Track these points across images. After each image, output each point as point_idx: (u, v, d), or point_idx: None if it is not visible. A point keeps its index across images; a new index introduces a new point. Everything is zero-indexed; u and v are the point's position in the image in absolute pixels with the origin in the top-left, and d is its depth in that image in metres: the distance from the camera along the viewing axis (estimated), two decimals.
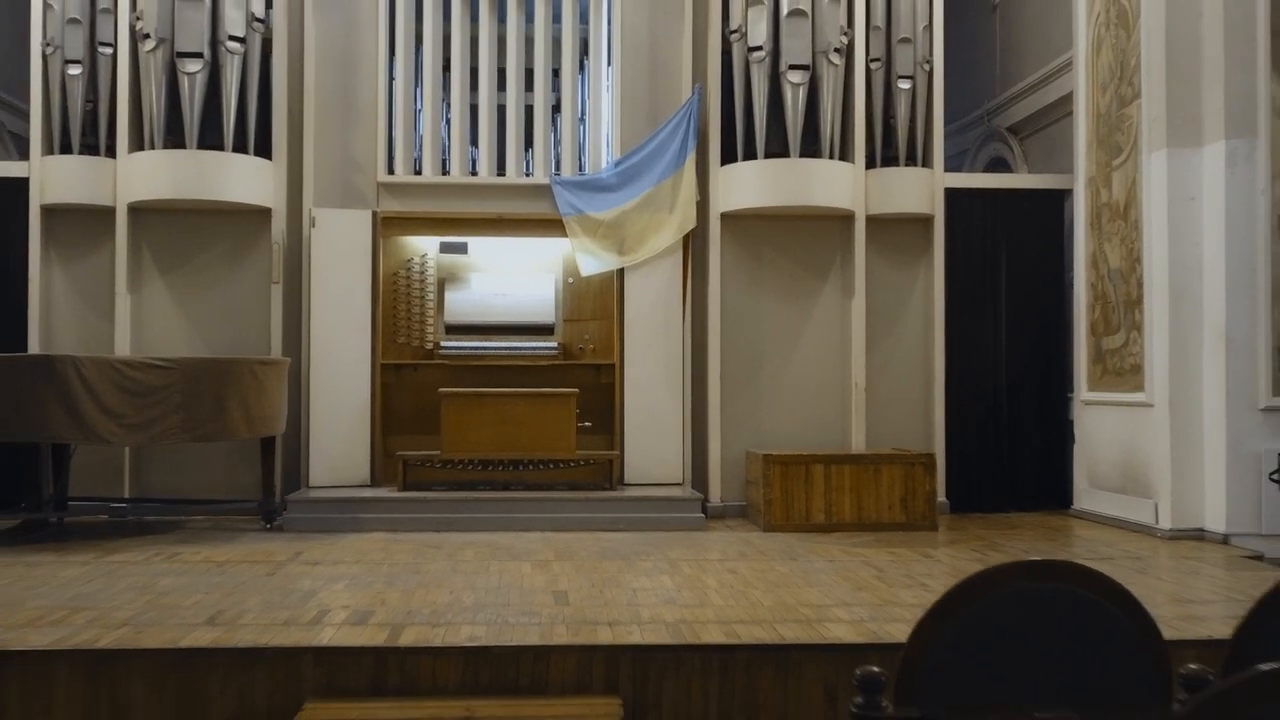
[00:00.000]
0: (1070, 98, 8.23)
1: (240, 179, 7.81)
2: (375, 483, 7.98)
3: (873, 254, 8.25)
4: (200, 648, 4.00)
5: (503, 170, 8.48)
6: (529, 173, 8.57)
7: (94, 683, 3.90)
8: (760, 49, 7.95)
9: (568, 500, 7.48)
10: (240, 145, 7.83)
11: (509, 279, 8.48)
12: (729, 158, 8.16)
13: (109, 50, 7.83)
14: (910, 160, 8.21)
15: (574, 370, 8.32)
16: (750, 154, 8.05)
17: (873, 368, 8.23)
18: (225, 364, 7.01)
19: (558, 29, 8.53)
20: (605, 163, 8.42)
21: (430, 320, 8.38)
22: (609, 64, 8.52)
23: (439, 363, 8.29)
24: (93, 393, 6.46)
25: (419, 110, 8.45)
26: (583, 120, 8.66)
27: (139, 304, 7.97)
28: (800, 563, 6.03)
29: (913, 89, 8.16)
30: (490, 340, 8.32)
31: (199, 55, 7.67)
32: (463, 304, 8.38)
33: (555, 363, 8.34)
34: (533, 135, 8.54)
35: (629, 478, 8.03)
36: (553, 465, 7.72)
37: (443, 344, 8.31)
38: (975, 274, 8.48)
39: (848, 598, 5.00)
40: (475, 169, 8.49)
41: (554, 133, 8.59)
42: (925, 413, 8.28)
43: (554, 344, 8.37)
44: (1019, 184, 8.82)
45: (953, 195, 8.35)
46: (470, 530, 7.15)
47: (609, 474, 7.86)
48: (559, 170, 8.46)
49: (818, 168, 7.98)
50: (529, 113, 8.58)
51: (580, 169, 8.50)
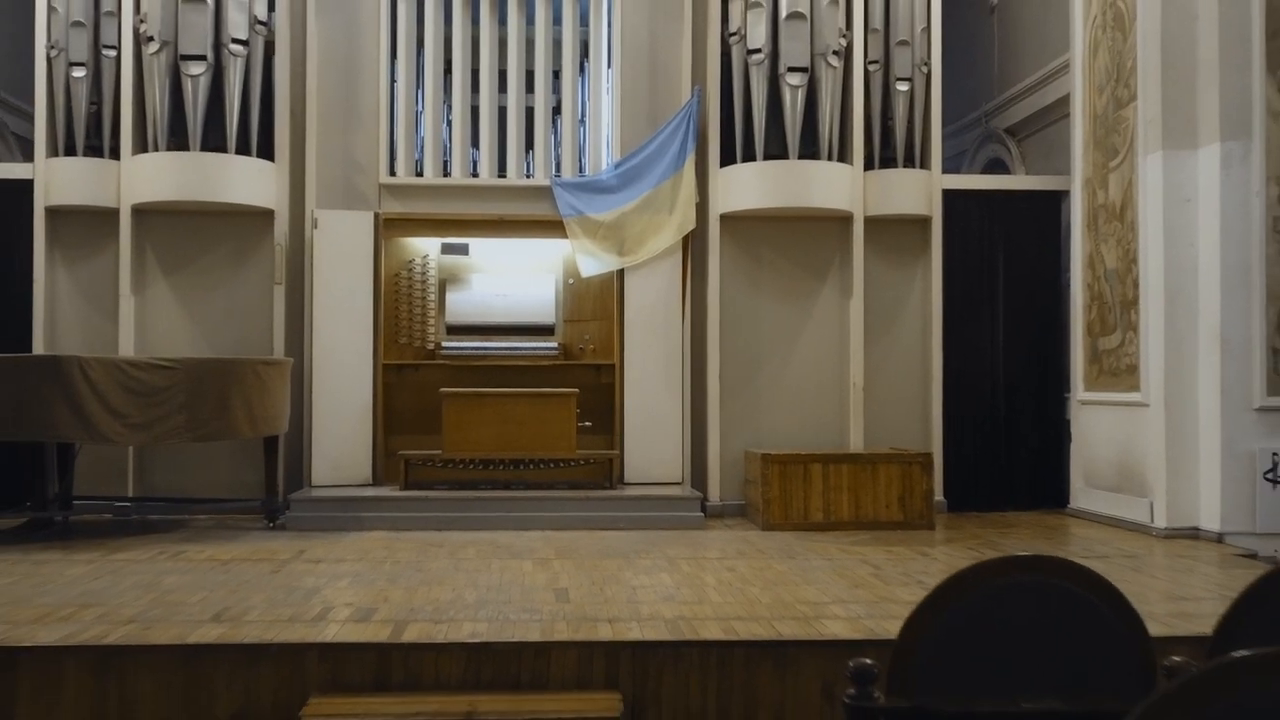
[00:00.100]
0: (1067, 100, 8.28)
1: (243, 181, 7.87)
2: (377, 482, 8.04)
3: (871, 255, 8.31)
4: (206, 644, 4.05)
5: (503, 172, 8.54)
6: (530, 174, 8.63)
7: (102, 678, 3.96)
8: (759, 51, 8.01)
9: (568, 499, 7.54)
10: (243, 147, 7.89)
11: (510, 280, 8.54)
12: (728, 159, 8.22)
13: (113, 53, 7.89)
14: (908, 162, 8.27)
15: (574, 370, 8.38)
16: (749, 156, 8.11)
17: (871, 368, 8.29)
18: (229, 364, 7.07)
19: (558, 31, 8.59)
20: (605, 164, 8.48)
21: (431, 321, 8.44)
22: (609, 66, 8.58)
23: (440, 363, 8.35)
24: (98, 393, 6.52)
25: (420, 112, 8.51)
26: (583, 122, 8.71)
27: (143, 305, 8.04)
28: (798, 561, 6.09)
29: (911, 91, 8.22)
30: (491, 340, 8.38)
31: (202, 58, 7.73)
32: (464, 304, 8.44)
33: (556, 363, 8.40)
34: (533, 137, 8.60)
35: (629, 477, 8.09)
36: (553, 464, 7.78)
37: (444, 344, 8.37)
38: (973, 275, 8.53)
39: (845, 595, 5.06)
40: (476, 170, 8.55)
41: (554, 134, 8.65)
42: (923, 412, 8.34)
43: (554, 344, 8.43)
44: (1016, 185, 8.88)
45: (950, 196, 8.41)
46: (471, 529, 7.21)
47: (609, 473, 7.92)
48: (559, 172, 8.52)
49: (816, 169, 8.05)
50: (529, 114, 8.63)
51: (580, 170, 8.56)
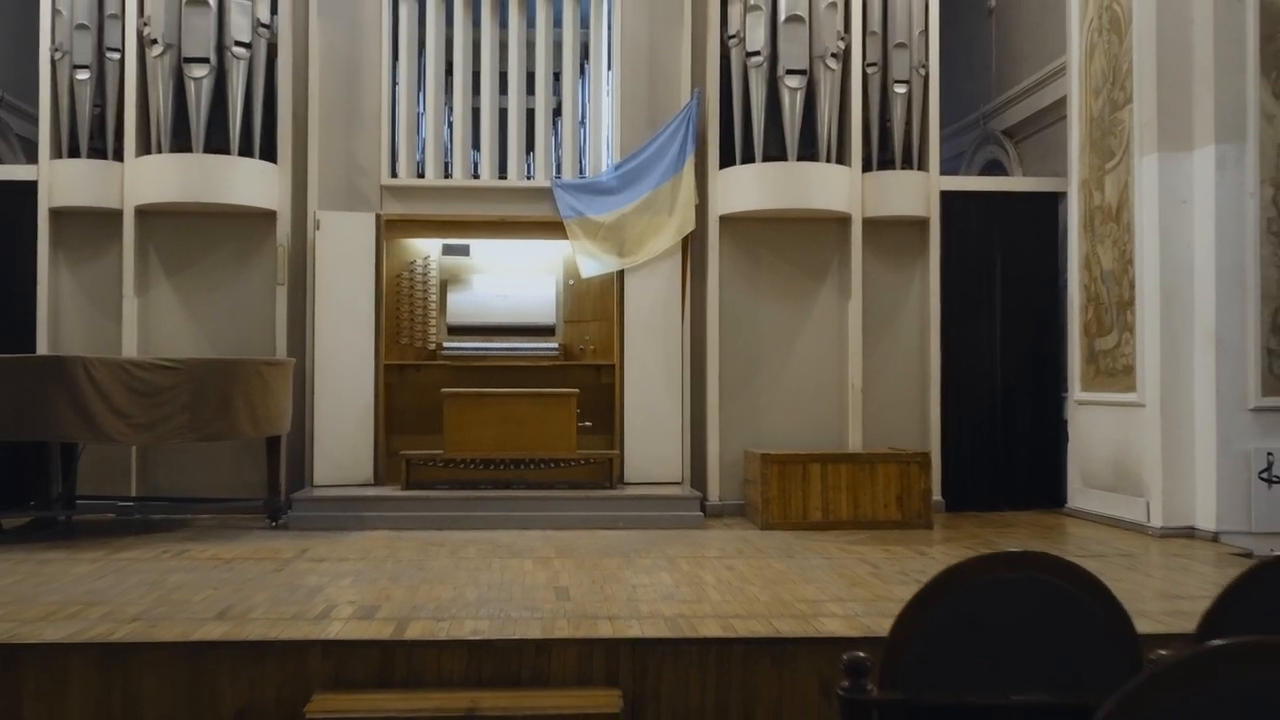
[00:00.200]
0: (1065, 102, 8.33)
1: (246, 182, 7.92)
2: (378, 482, 8.08)
3: (869, 256, 8.36)
4: (211, 641, 4.11)
5: (504, 173, 8.59)
6: (530, 176, 8.68)
7: (107, 675, 4.01)
8: (758, 54, 8.06)
9: (568, 499, 7.59)
10: (246, 149, 7.95)
11: (510, 280, 8.59)
12: (727, 161, 8.28)
13: (117, 55, 7.94)
14: (906, 163, 8.32)
15: (574, 371, 8.43)
16: (748, 157, 8.16)
17: (869, 368, 8.34)
18: (231, 364, 7.12)
19: (559, 33, 8.64)
20: (605, 166, 8.53)
21: (433, 321, 8.49)
22: (609, 68, 8.63)
23: (441, 363, 8.40)
24: (102, 393, 6.57)
25: (422, 114, 8.56)
26: (583, 124, 8.76)
27: (146, 305, 8.09)
28: (797, 560, 6.14)
29: (909, 93, 8.27)
30: (492, 341, 8.43)
31: (205, 60, 7.79)
32: (465, 305, 8.49)
33: (556, 363, 8.45)
34: (534, 138, 8.65)
35: (629, 477, 8.14)
36: (554, 464, 7.83)
37: (445, 345, 8.42)
38: (971, 275, 8.58)
39: (842, 593, 5.11)
40: (477, 172, 8.60)
41: (555, 136, 8.70)
42: (921, 412, 8.39)
43: (555, 345, 8.48)
44: (1014, 187, 8.93)
45: (948, 198, 8.46)
46: (472, 528, 7.25)
47: (609, 473, 7.97)
48: (560, 173, 8.57)
49: (815, 171, 8.10)
50: (530, 116, 8.68)
51: (581, 172, 8.61)
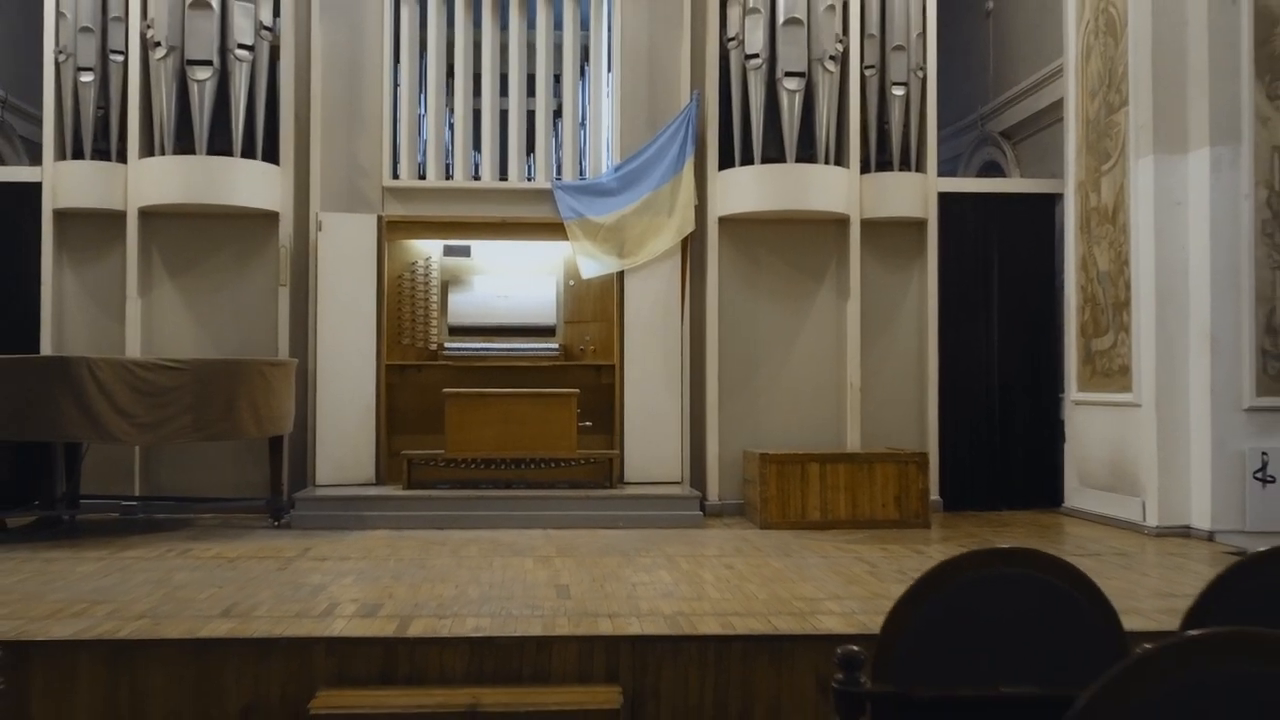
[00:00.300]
0: (1061, 104, 8.39)
1: (248, 184, 7.98)
2: (380, 481, 8.14)
3: (867, 257, 8.42)
4: (217, 638, 4.16)
5: (505, 175, 8.64)
6: (531, 177, 8.74)
7: (115, 671, 4.07)
8: (757, 56, 8.12)
9: (569, 498, 7.65)
10: (248, 151, 8.01)
11: (511, 281, 8.64)
12: (726, 163, 8.34)
13: (120, 58, 8.00)
14: (904, 165, 8.38)
15: (575, 371, 8.49)
16: (747, 159, 8.22)
17: (867, 368, 8.40)
18: (235, 365, 7.18)
19: (559, 35, 8.69)
20: (606, 167, 8.58)
21: (434, 322, 8.54)
22: (609, 70, 8.68)
23: (442, 364, 8.45)
24: (106, 393, 6.63)
25: (423, 116, 8.61)
26: (583, 125, 8.81)
27: (149, 306, 8.15)
28: (795, 558, 6.20)
29: (906, 95, 8.33)
30: (493, 341, 8.49)
31: (208, 63, 7.84)
32: (466, 306, 8.54)
33: (556, 363, 8.50)
34: (534, 140, 8.71)
35: (629, 476, 8.20)
36: (554, 464, 7.88)
37: (446, 345, 8.47)
38: (968, 276, 8.64)
39: (840, 591, 5.17)
40: (478, 173, 8.66)
41: (555, 137, 8.76)
42: (919, 412, 8.45)
43: (555, 345, 8.54)
44: (1011, 188, 8.98)
45: (946, 199, 8.52)
46: (474, 527, 7.31)
47: (609, 473, 8.03)
48: (560, 174, 8.63)
49: (813, 173, 8.15)
50: (531, 118, 8.73)
51: (581, 173, 8.66)
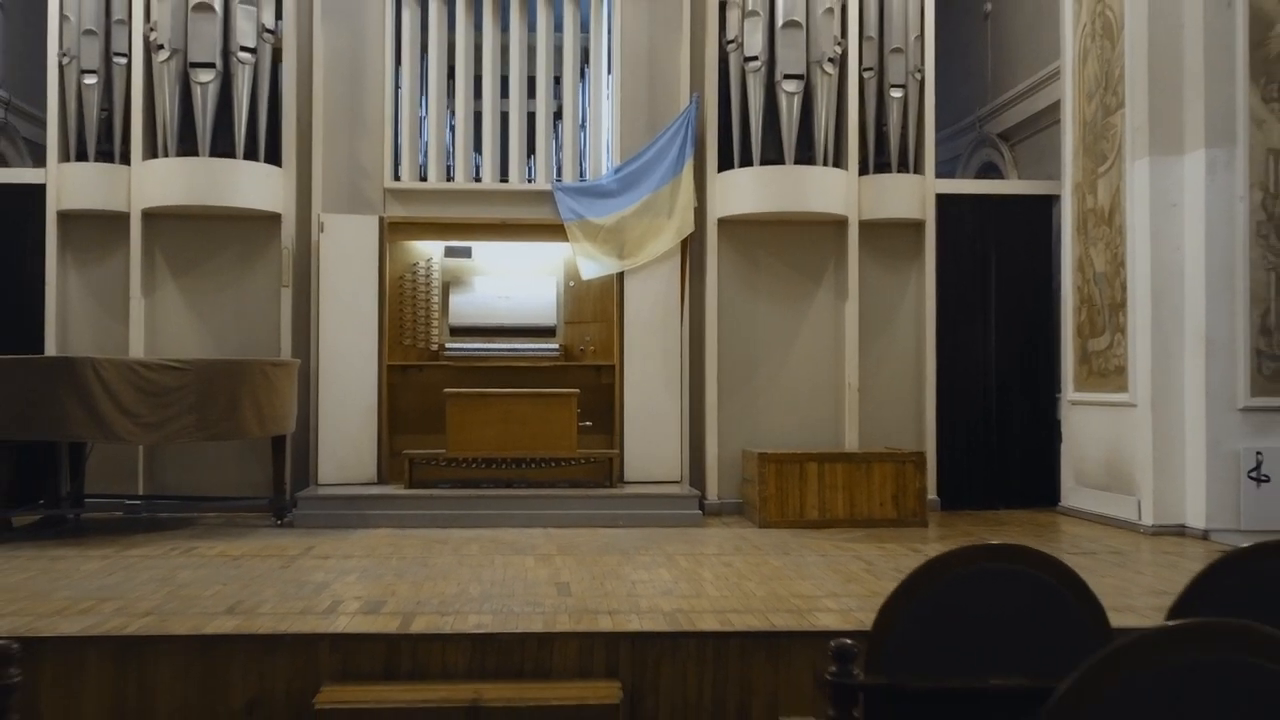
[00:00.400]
0: (1059, 106, 8.44)
1: (251, 185, 8.04)
2: (382, 480, 8.20)
3: (866, 258, 8.48)
4: (223, 634, 4.22)
5: (506, 176, 8.70)
6: (531, 179, 8.80)
7: (122, 667, 4.12)
8: (756, 59, 8.18)
9: (569, 497, 7.71)
10: (251, 153, 8.07)
11: (512, 282, 8.70)
12: (726, 164, 8.39)
13: (124, 60, 8.06)
14: (902, 167, 8.43)
15: (575, 371, 8.54)
16: (746, 161, 8.28)
17: (866, 368, 8.45)
18: (238, 365, 7.24)
19: (559, 37, 8.75)
20: (606, 169, 8.64)
21: (435, 322, 8.60)
22: (609, 72, 8.74)
23: (444, 364, 8.50)
24: (111, 393, 6.69)
25: (424, 118, 8.67)
26: (584, 127, 8.87)
27: (152, 307, 8.21)
28: (793, 557, 6.26)
29: (904, 97, 8.39)
30: (493, 342, 8.54)
31: (211, 65, 7.90)
32: (467, 307, 8.60)
33: (557, 364, 8.56)
34: (535, 142, 8.76)
35: (628, 475, 8.26)
36: (554, 463, 7.94)
37: (447, 346, 8.53)
38: (966, 277, 8.69)
39: (837, 589, 5.23)
40: (479, 175, 8.72)
41: (556, 139, 8.82)
42: (917, 412, 8.50)
43: (555, 345, 8.59)
44: (1008, 190, 9.04)
45: (944, 200, 8.58)
46: (475, 526, 7.36)
47: (609, 472, 8.09)
48: (560, 176, 8.69)
49: (812, 174, 8.22)
50: (531, 120, 8.79)
51: (581, 175, 8.72)
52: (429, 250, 8.67)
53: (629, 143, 8.57)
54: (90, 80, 8.01)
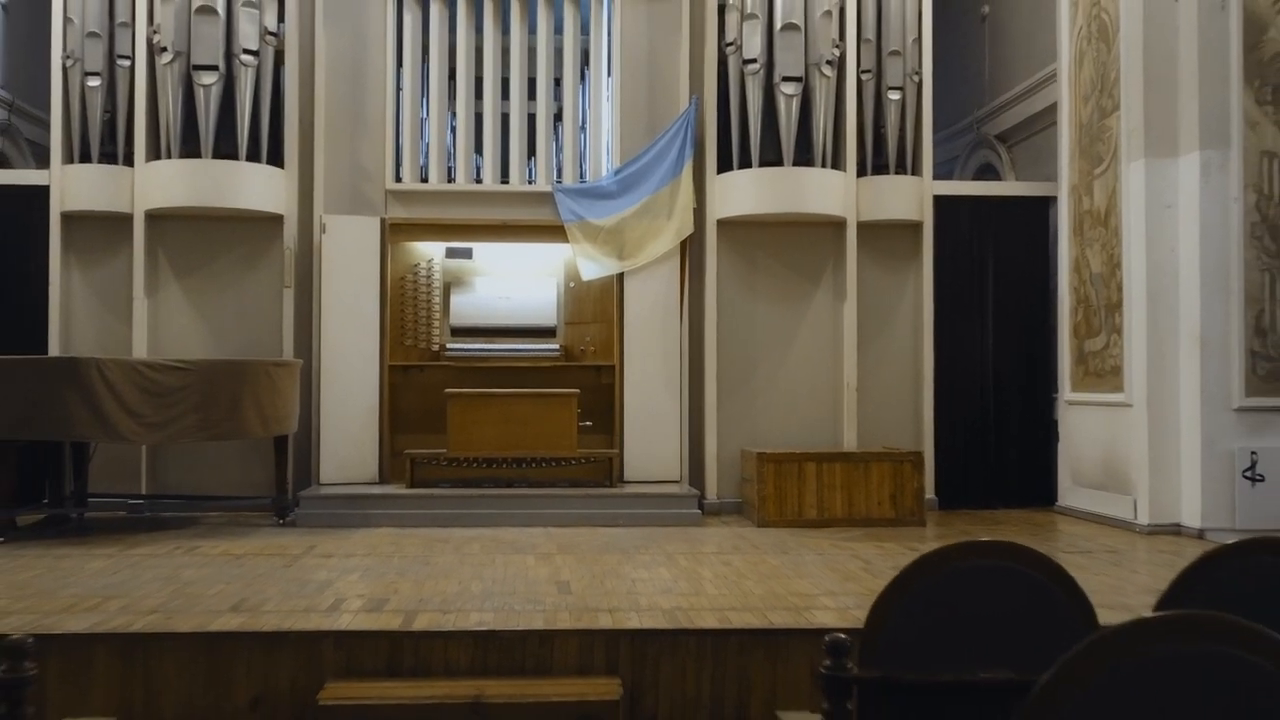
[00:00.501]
0: (1056, 108, 8.50)
1: (253, 187, 8.09)
2: (383, 480, 8.25)
3: (864, 259, 8.54)
4: (227, 631, 4.28)
5: (506, 178, 8.75)
6: (532, 180, 8.86)
7: (129, 664, 4.18)
8: (755, 61, 8.24)
9: (569, 497, 7.77)
10: (253, 154, 8.12)
11: (512, 283, 8.75)
12: (725, 166, 8.45)
13: (127, 63, 8.11)
14: (900, 168, 8.49)
15: (575, 371, 8.60)
16: (745, 162, 8.34)
17: (864, 369, 8.51)
18: (241, 365, 7.29)
19: (559, 40, 8.80)
20: (606, 170, 8.70)
21: (436, 323, 8.65)
22: (609, 74, 8.79)
23: (445, 364, 8.56)
24: (115, 393, 6.74)
25: (425, 119, 8.72)
26: (584, 129, 8.93)
27: (156, 307, 8.26)
28: (791, 556, 6.31)
29: (902, 99, 8.44)
30: (494, 342, 8.60)
31: (214, 68, 7.96)
32: (468, 307, 8.65)
33: (557, 364, 8.61)
34: (535, 143, 8.82)
35: (628, 475, 8.31)
36: (555, 463, 7.99)
37: (448, 346, 8.58)
38: (963, 278, 8.75)
39: (835, 587, 5.28)
40: (480, 176, 8.77)
41: (556, 141, 8.87)
42: (915, 412, 8.56)
43: (556, 346, 8.65)
44: (1005, 191, 9.11)
45: (941, 202, 8.64)
46: (476, 525, 7.41)
47: (609, 471, 8.14)
48: (561, 178, 8.74)
49: (810, 176, 8.27)
50: (532, 121, 8.84)
51: (581, 176, 8.77)
52: (430, 251, 8.73)
53: (629, 144, 8.63)
54: (94, 82, 8.06)
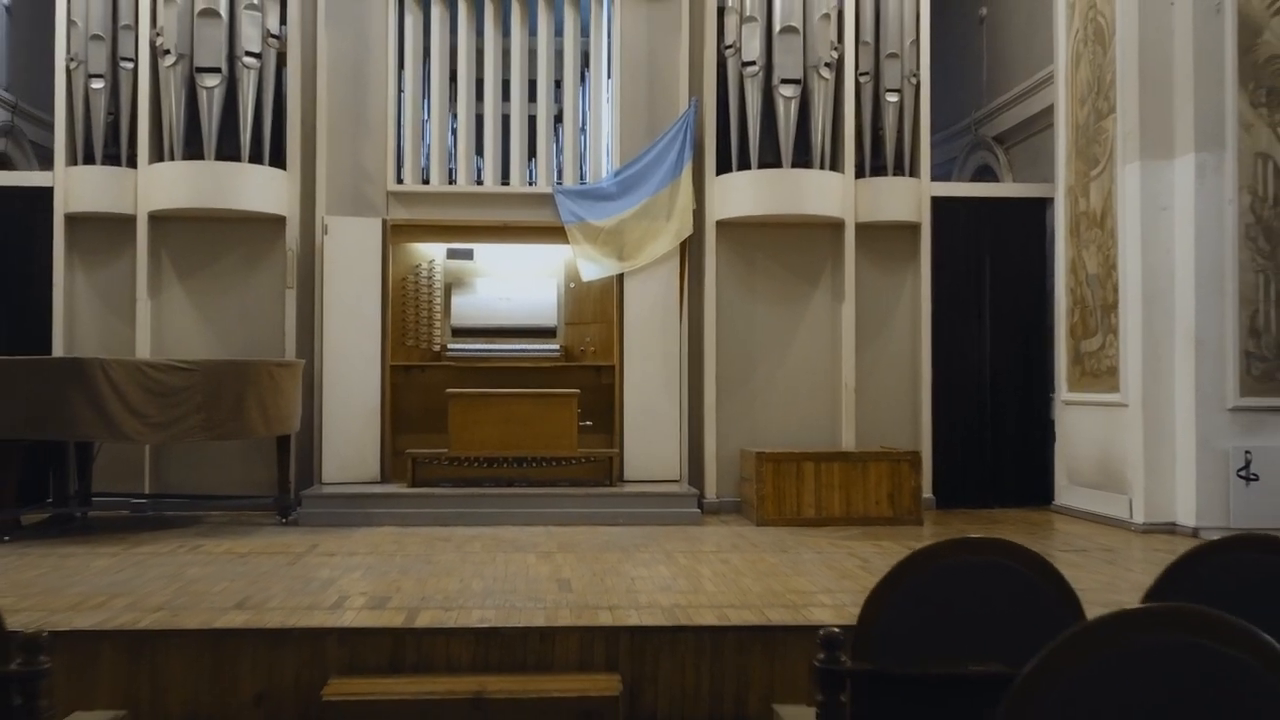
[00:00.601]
0: (1052, 110, 8.55)
1: (256, 188, 8.15)
2: (385, 479, 8.30)
3: (862, 260, 8.59)
4: (232, 629, 4.33)
5: (507, 179, 8.80)
6: (532, 181, 8.91)
7: (135, 660, 4.23)
8: (754, 64, 8.30)
9: (570, 496, 7.82)
10: (256, 156, 8.17)
11: (513, 284, 8.81)
12: (724, 168, 8.51)
13: (130, 65, 8.16)
14: (898, 170, 8.54)
15: (575, 371, 8.65)
16: (744, 164, 8.39)
17: (862, 369, 8.57)
18: (244, 366, 7.35)
19: (560, 42, 8.86)
20: (606, 172, 8.75)
21: (437, 324, 8.71)
22: (609, 76, 8.84)
23: (446, 364, 8.61)
24: (119, 393, 6.79)
25: (426, 121, 8.78)
26: (584, 130, 8.99)
27: (159, 308, 8.32)
28: (790, 554, 6.37)
29: (900, 102, 8.50)
30: (495, 343, 8.65)
31: (217, 70, 8.01)
32: (468, 308, 8.71)
33: (557, 364, 8.67)
34: (536, 145, 8.87)
35: (628, 474, 8.36)
36: (555, 463, 8.04)
37: (449, 346, 8.64)
38: (961, 279, 8.81)
39: (832, 585, 5.34)
40: (481, 178, 8.83)
41: (556, 143, 8.92)
42: (913, 412, 8.61)
43: (556, 346, 8.70)
44: (1003, 193, 9.16)
45: (939, 203, 8.69)
46: (477, 524, 7.46)
47: (609, 471, 8.19)
48: (561, 179, 8.80)
49: (809, 177, 8.33)
50: (532, 123, 8.89)
51: (581, 178, 8.83)
52: (431, 252, 8.79)
53: (628, 146, 8.68)
54: (97, 84, 8.11)
